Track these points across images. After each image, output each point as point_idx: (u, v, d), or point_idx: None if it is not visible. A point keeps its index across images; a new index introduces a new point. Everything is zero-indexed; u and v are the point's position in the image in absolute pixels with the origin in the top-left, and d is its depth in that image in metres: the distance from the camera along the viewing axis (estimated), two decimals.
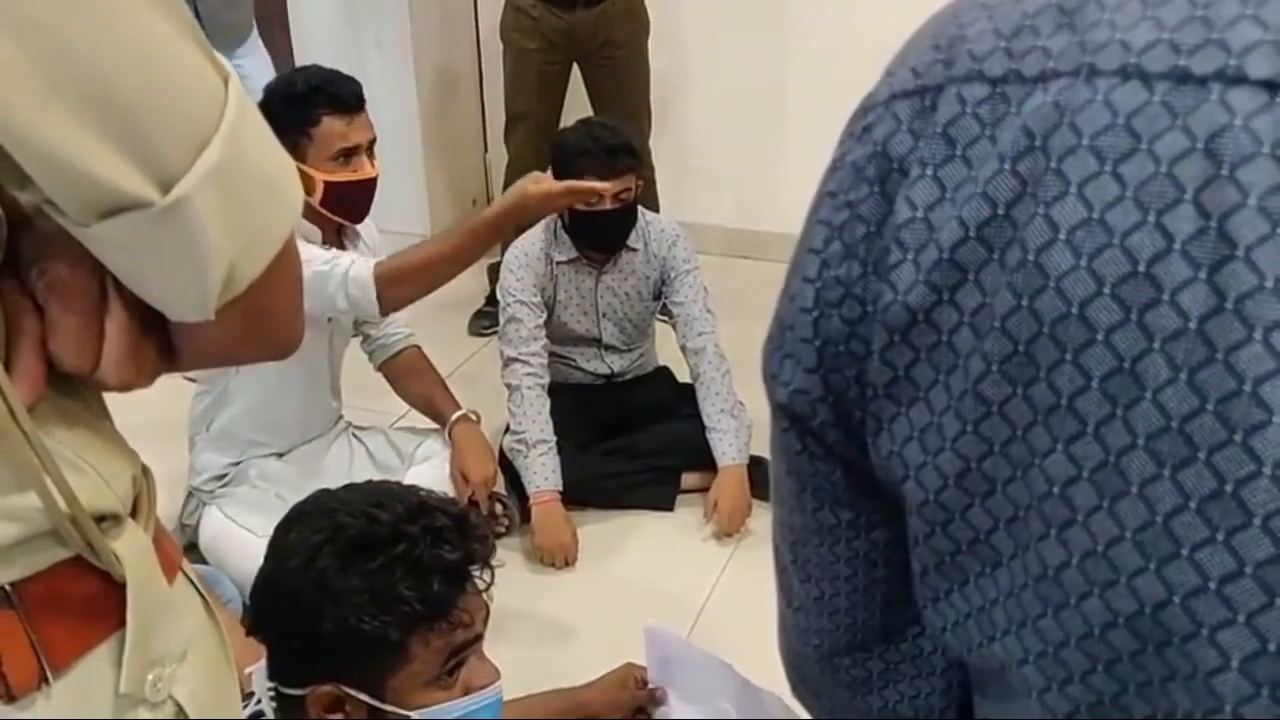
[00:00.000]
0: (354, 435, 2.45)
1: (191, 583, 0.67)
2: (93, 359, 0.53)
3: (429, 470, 2.40)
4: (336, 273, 1.92)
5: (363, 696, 1.10)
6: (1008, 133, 0.42)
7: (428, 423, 2.50)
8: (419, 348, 2.49)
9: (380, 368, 2.49)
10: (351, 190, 2.13)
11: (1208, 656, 0.40)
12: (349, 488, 1.25)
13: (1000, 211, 0.42)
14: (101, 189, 0.46)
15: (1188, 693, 0.41)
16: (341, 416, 2.47)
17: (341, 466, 2.33)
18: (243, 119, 0.51)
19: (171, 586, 0.63)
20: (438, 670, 1.13)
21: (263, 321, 0.58)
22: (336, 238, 2.21)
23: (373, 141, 2.16)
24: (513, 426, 2.52)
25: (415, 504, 1.15)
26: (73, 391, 0.56)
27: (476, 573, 1.15)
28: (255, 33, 3.11)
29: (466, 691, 1.15)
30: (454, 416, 2.40)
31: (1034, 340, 0.41)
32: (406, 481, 2.39)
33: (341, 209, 2.14)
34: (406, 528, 1.11)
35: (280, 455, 2.30)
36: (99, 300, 0.52)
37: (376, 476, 2.39)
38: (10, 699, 0.54)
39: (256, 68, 3.08)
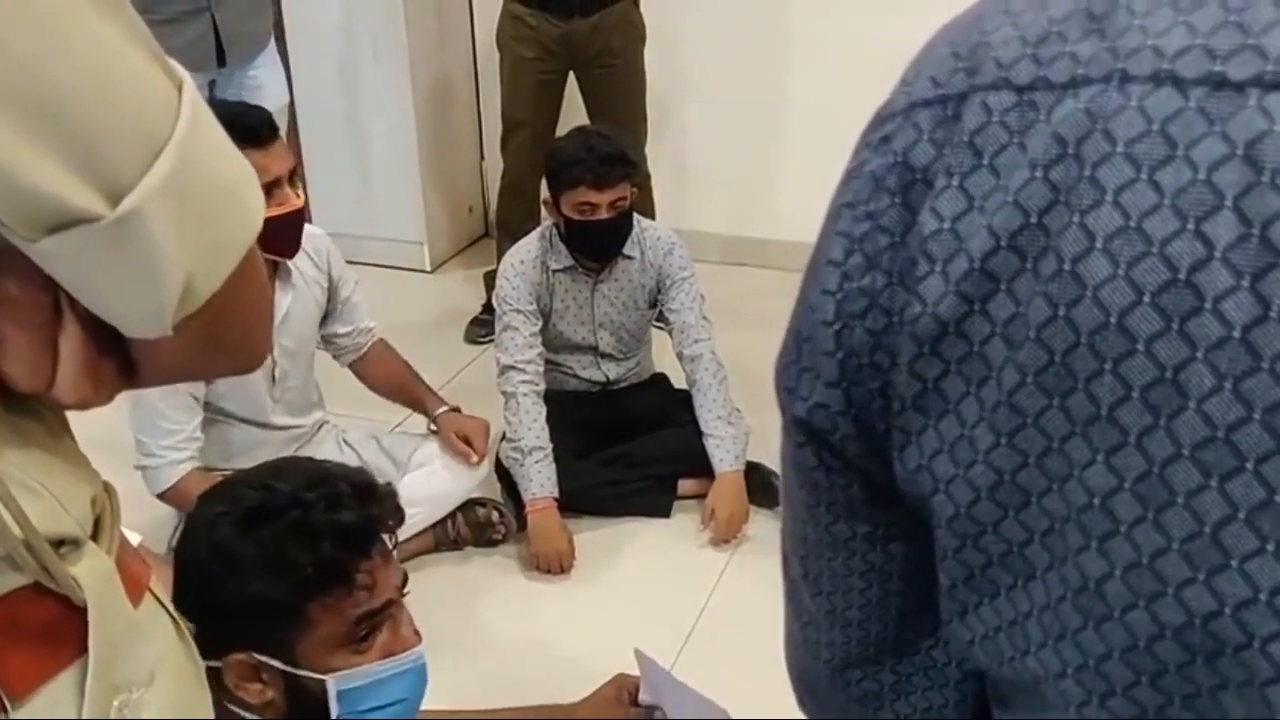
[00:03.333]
0: (345, 442, 2.44)
1: (160, 603, 0.66)
2: (47, 377, 0.52)
3: (423, 476, 2.40)
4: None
5: (274, 662, 1.10)
6: (1038, 140, 0.41)
7: (421, 428, 2.50)
8: (383, 340, 2.51)
9: (350, 367, 2.50)
10: (278, 225, 1.98)
11: (1261, 667, 0.39)
12: (258, 466, 1.28)
13: (1033, 220, 0.41)
14: (48, 203, 0.45)
15: (1240, 699, 0.40)
16: (326, 423, 2.45)
17: None
18: (197, 126, 0.50)
19: (138, 608, 0.62)
20: (346, 635, 1.12)
21: (225, 335, 0.57)
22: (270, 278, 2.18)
23: (294, 171, 2.07)
24: (509, 434, 2.51)
25: (316, 473, 1.16)
26: (29, 411, 0.55)
27: (380, 539, 1.15)
28: (273, 43, 3.09)
29: (385, 656, 1.15)
30: (439, 411, 2.45)
31: (1071, 350, 0.41)
32: (405, 489, 2.40)
33: (271, 246, 2.04)
34: (303, 495, 1.11)
35: None
36: (52, 317, 0.51)
37: None
38: None
39: (271, 79, 3.07)
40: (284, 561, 1.09)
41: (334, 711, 1.13)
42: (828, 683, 0.62)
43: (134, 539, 0.69)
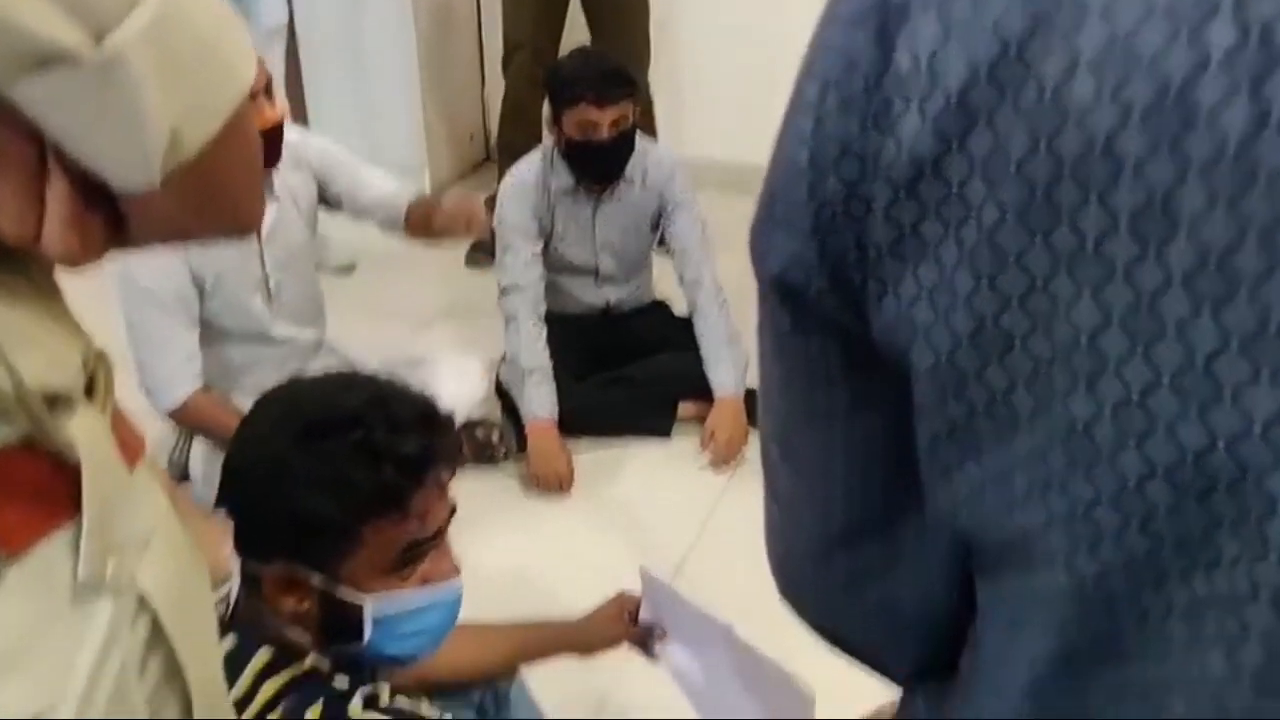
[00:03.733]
0: (345, 355, 2.44)
1: (156, 472, 0.66)
2: (33, 228, 0.51)
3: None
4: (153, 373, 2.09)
5: (316, 578, 1.09)
6: None
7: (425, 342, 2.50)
8: (410, 195, 2.42)
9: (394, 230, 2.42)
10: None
11: (1255, 503, 0.38)
12: (319, 377, 1.24)
13: (1012, 50, 0.39)
14: (28, 39, 0.44)
15: (1235, 537, 0.40)
16: (324, 343, 2.44)
17: None
18: None
19: (133, 475, 0.62)
20: (392, 561, 1.11)
21: (215, 194, 0.56)
22: None
23: (269, 84, 2.05)
24: (509, 355, 2.51)
25: (379, 392, 1.13)
26: (17, 268, 0.54)
27: (439, 470, 1.12)
28: None
29: (424, 584, 1.14)
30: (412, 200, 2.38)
31: (1055, 183, 0.39)
32: None
33: None
34: (367, 414, 1.08)
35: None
36: (36, 166, 0.50)
37: None
38: None
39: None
40: (342, 480, 1.06)
41: (367, 633, 1.12)
42: (809, 564, 0.61)
43: None
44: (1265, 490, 0.38)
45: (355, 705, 1.08)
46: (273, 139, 2.04)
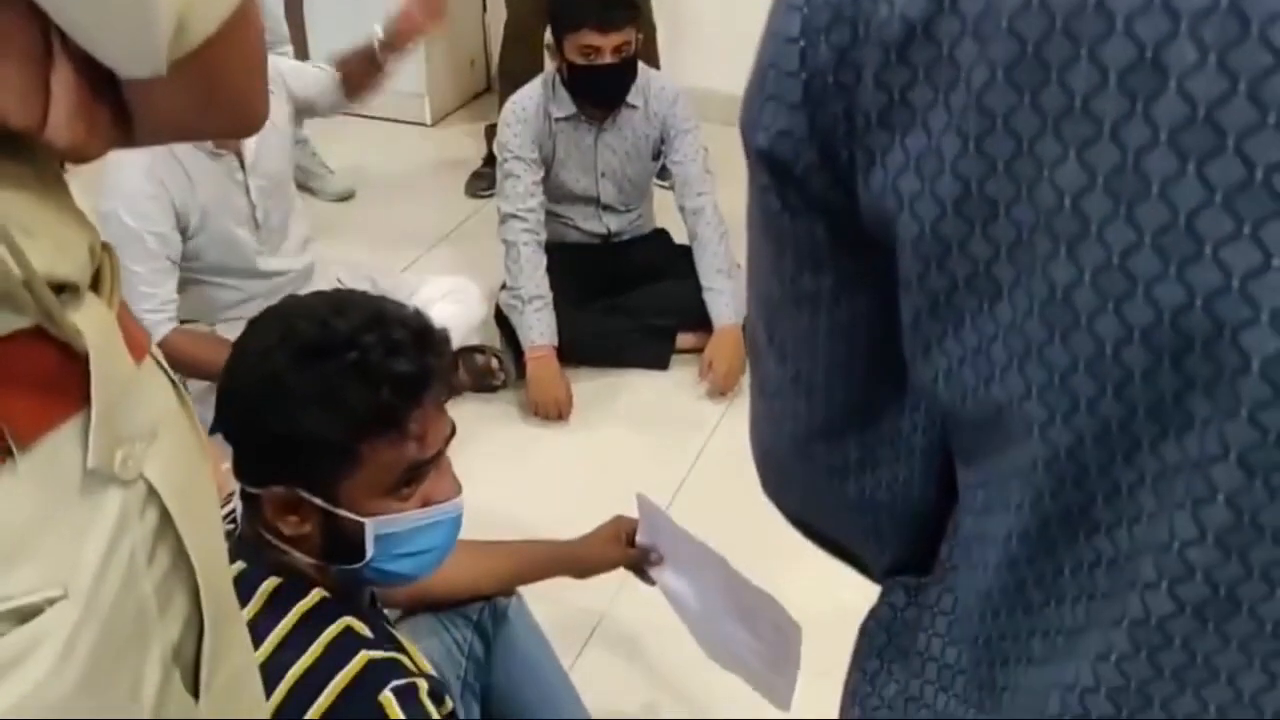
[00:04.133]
0: (340, 282, 2.43)
1: (163, 368, 0.66)
2: (39, 115, 0.51)
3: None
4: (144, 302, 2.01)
5: (316, 500, 1.10)
6: None
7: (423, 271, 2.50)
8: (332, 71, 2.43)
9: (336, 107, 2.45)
10: None
11: (1230, 359, 0.39)
12: (315, 294, 1.24)
13: None
14: None
15: (1207, 398, 0.40)
16: (316, 264, 2.42)
17: None
18: None
19: (140, 368, 0.62)
20: (391, 481, 1.12)
21: (221, 87, 0.56)
22: None
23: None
24: (509, 283, 2.51)
25: (375, 313, 1.12)
26: (24, 158, 0.54)
27: (435, 389, 1.13)
28: None
29: (425, 504, 1.15)
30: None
31: (1046, 38, 0.39)
32: None
33: None
34: (362, 335, 1.08)
35: None
36: (42, 52, 0.50)
37: None
38: None
39: None
40: (339, 401, 1.06)
41: (368, 553, 1.13)
42: (791, 457, 0.62)
43: None
44: (1240, 346, 0.39)
45: (387, 697, 1.05)
46: None
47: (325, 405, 1.06)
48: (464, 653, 1.53)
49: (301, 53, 3.75)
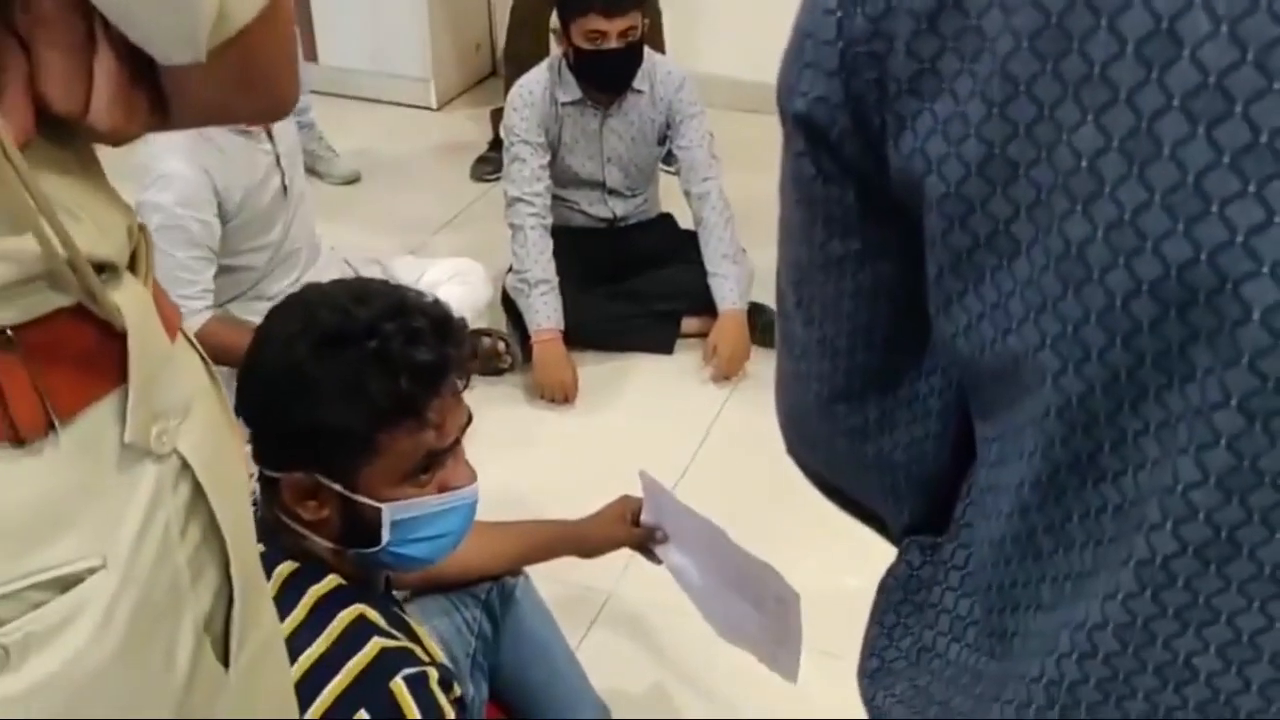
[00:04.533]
0: (348, 264, 2.45)
1: (194, 347, 0.68)
2: (82, 100, 0.53)
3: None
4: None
5: (335, 486, 1.12)
6: None
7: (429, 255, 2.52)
8: None
9: None
10: None
11: (1231, 310, 0.42)
12: (336, 283, 1.25)
13: None
14: None
15: (1210, 348, 0.43)
16: (331, 247, 2.45)
17: None
18: None
19: (174, 346, 0.64)
20: (409, 468, 1.14)
21: (256, 73, 0.57)
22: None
23: None
24: (515, 266, 2.53)
25: (395, 302, 1.14)
26: (66, 142, 0.56)
27: (453, 378, 1.14)
28: None
29: (442, 490, 1.17)
30: None
31: (1068, 9, 0.42)
32: None
33: None
34: (382, 324, 1.10)
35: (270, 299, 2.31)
36: (86, 40, 0.52)
37: None
38: (19, 442, 0.55)
39: None
40: (359, 390, 1.08)
41: (384, 538, 1.15)
42: (816, 417, 0.65)
43: None
44: (1242, 297, 0.42)
45: (398, 684, 1.07)
46: None
47: (346, 394, 1.08)
48: (473, 632, 1.55)
49: (310, 53, 3.77)
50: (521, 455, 2.32)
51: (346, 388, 1.08)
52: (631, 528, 1.63)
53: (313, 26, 3.84)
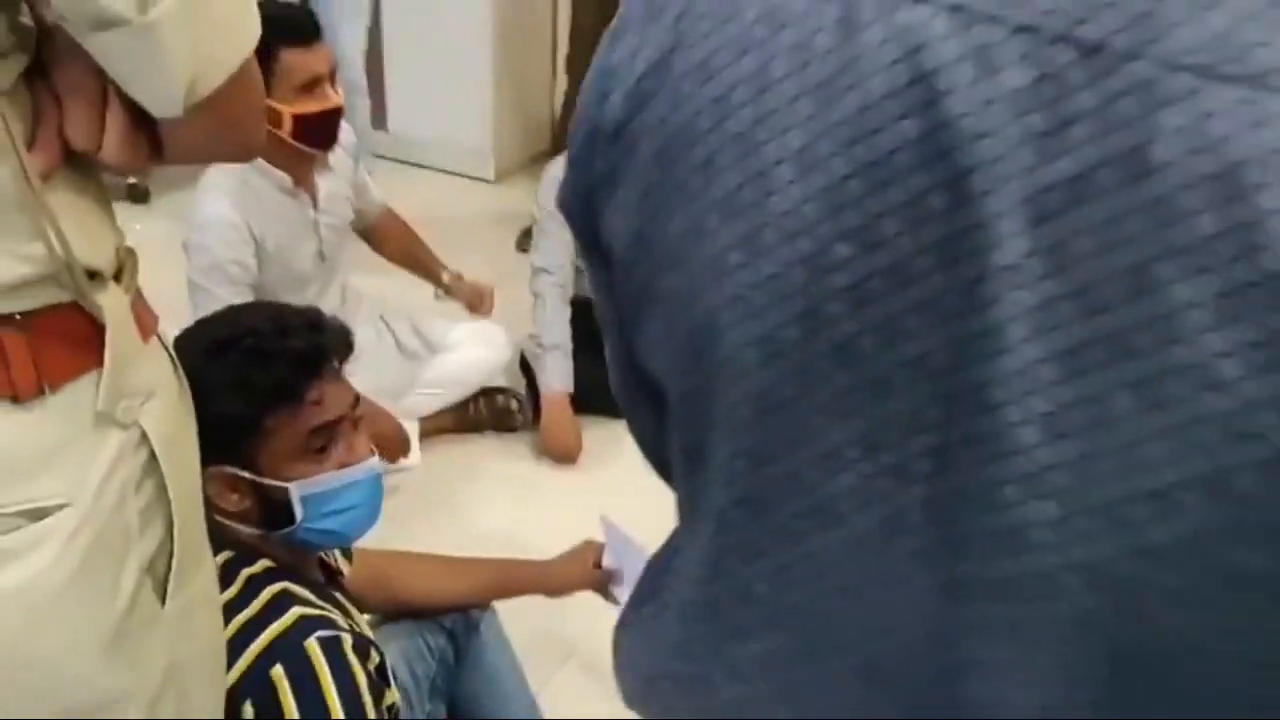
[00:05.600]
0: (383, 320, 2.63)
1: (166, 350, 0.85)
2: (97, 141, 0.71)
3: (451, 358, 2.60)
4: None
5: (244, 473, 1.28)
6: None
7: (455, 313, 2.71)
8: (390, 209, 2.67)
9: (363, 235, 2.65)
10: (319, 120, 2.20)
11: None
12: (231, 306, 1.45)
13: None
14: (95, 5, 0.64)
15: None
16: (361, 300, 2.62)
17: (370, 350, 2.52)
18: None
19: (146, 345, 0.81)
20: (302, 446, 1.30)
21: (227, 126, 0.75)
22: (307, 172, 2.31)
23: (334, 70, 2.23)
24: (534, 331, 2.69)
25: (274, 311, 1.34)
26: (85, 172, 0.74)
27: (329, 361, 1.31)
28: None
29: (341, 467, 1.33)
30: (447, 278, 2.67)
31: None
32: (432, 368, 2.60)
33: (310, 139, 2.23)
34: (261, 325, 1.30)
35: None
36: (101, 96, 0.70)
37: (402, 362, 2.60)
38: (15, 399, 0.73)
39: None
40: (242, 381, 1.26)
41: (298, 515, 1.30)
42: None
43: None
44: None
45: (311, 644, 1.20)
46: (331, 121, 2.23)
47: (233, 387, 1.25)
48: (434, 656, 1.67)
49: (379, 108, 4.01)
50: (526, 505, 2.46)
51: (233, 381, 1.25)
52: (593, 570, 1.76)
53: (384, 96, 4.09)
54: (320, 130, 2.21)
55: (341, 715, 1.16)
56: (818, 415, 0.44)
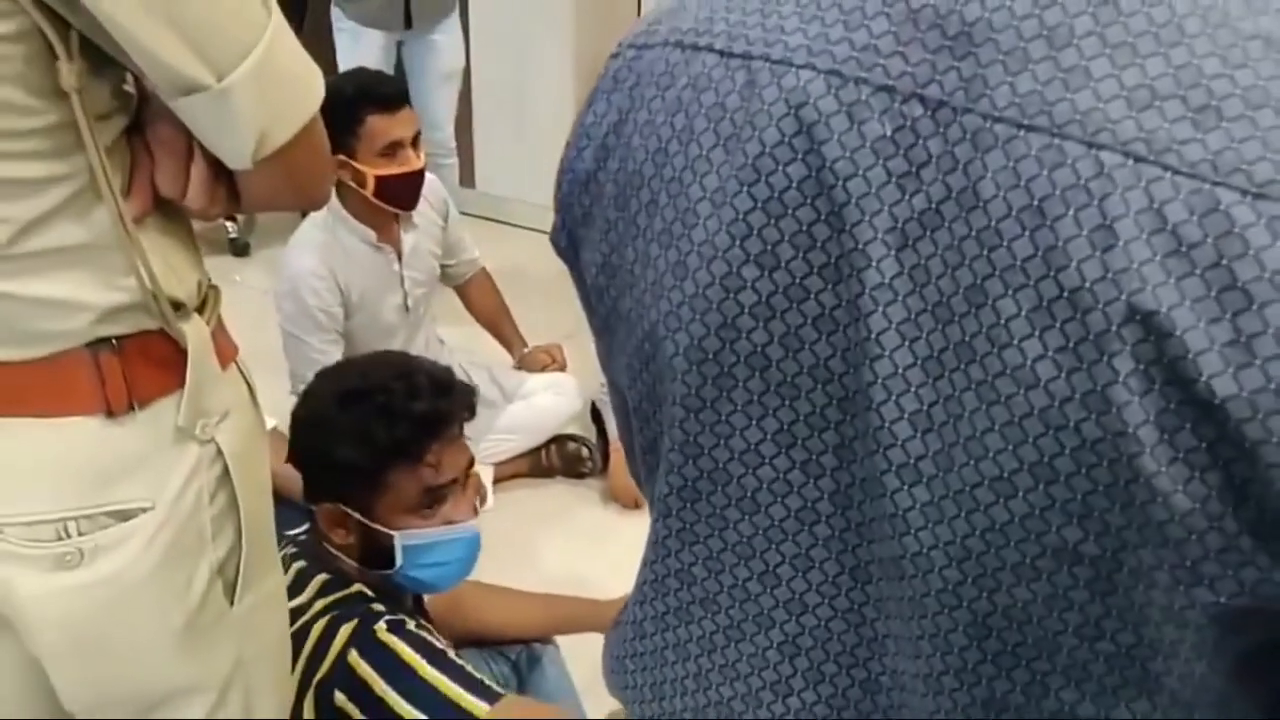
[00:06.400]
0: (463, 368, 2.74)
1: (244, 377, 0.95)
2: (182, 190, 0.82)
3: (525, 407, 2.69)
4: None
5: (356, 515, 1.37)
6: None
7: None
8: (485, 269, 2.82)
9: (456, 289, 2.81)
10: (400, 182, 2.31)
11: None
12: (365, 355, 1.56)
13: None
14: (180, 75, 0.74)
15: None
16: (443, 348, 2.73)
17: None
18: (280, 37, 0.78)
19: (225, 370, 0.91)
20: (414, 503, 1.38)
21: (294, 178, 0.85)
22: (392, 228, 2.43)
23: (417, 135, 2.34)
24: (604, 381, 2.77)
25: (404, 366, 1.43)
26: (174, 216, 0.85)
27: (450, 426, 1.40)
28: (456, 11, 3.43)
29: (445, 524, 1.41)
30: (524, 352, 2.83)
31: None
32: (508, 415, 2.69)
33: (392, 200, 2.34)
34: (390, 383, 1.38)
35: None
36: (186, 150, 0.81)
37: (480, 410, 2.69)
38: (110, 414, 0.83)
39: (450, 43, 3.41)
40: (366, 434, 1.36)
41: (398, 561, 1.39)
42: None
43: (270, 423, 1.00)
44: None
45: (380, 626, 1.32)
46: (412, 183, 2.35)
47: (358, 439, 1.35)
48: (499, 684, 1.75)
49: (468, 168, 4.17)
50: (587, 552, 2.53)
51: (358, 433, 1.35)
52: None
53: (473, 156, 4.25)
54: (401, 191, 2.33)
55: (425, 665, 1.25)
56: (737, 414, 0.51)
